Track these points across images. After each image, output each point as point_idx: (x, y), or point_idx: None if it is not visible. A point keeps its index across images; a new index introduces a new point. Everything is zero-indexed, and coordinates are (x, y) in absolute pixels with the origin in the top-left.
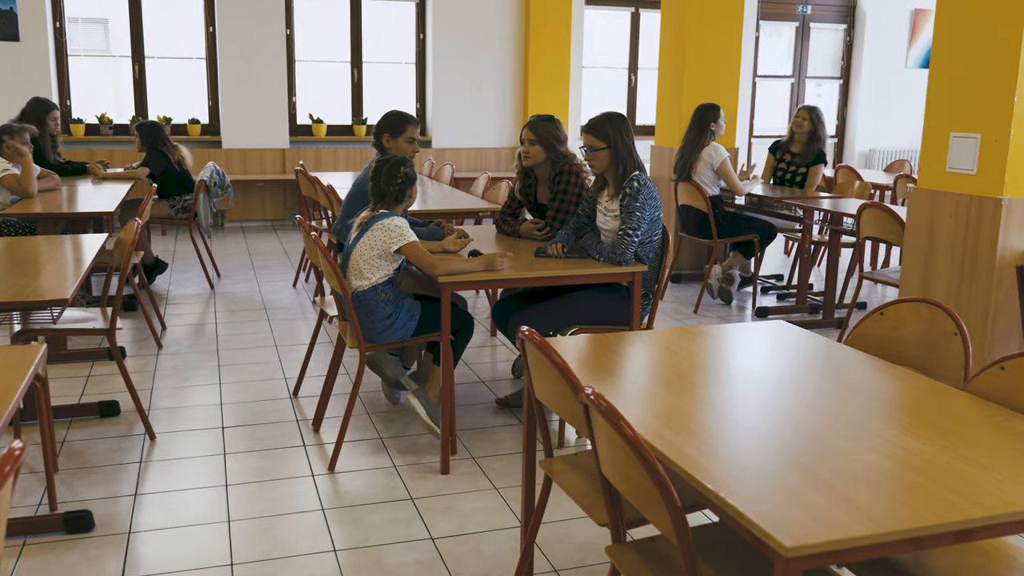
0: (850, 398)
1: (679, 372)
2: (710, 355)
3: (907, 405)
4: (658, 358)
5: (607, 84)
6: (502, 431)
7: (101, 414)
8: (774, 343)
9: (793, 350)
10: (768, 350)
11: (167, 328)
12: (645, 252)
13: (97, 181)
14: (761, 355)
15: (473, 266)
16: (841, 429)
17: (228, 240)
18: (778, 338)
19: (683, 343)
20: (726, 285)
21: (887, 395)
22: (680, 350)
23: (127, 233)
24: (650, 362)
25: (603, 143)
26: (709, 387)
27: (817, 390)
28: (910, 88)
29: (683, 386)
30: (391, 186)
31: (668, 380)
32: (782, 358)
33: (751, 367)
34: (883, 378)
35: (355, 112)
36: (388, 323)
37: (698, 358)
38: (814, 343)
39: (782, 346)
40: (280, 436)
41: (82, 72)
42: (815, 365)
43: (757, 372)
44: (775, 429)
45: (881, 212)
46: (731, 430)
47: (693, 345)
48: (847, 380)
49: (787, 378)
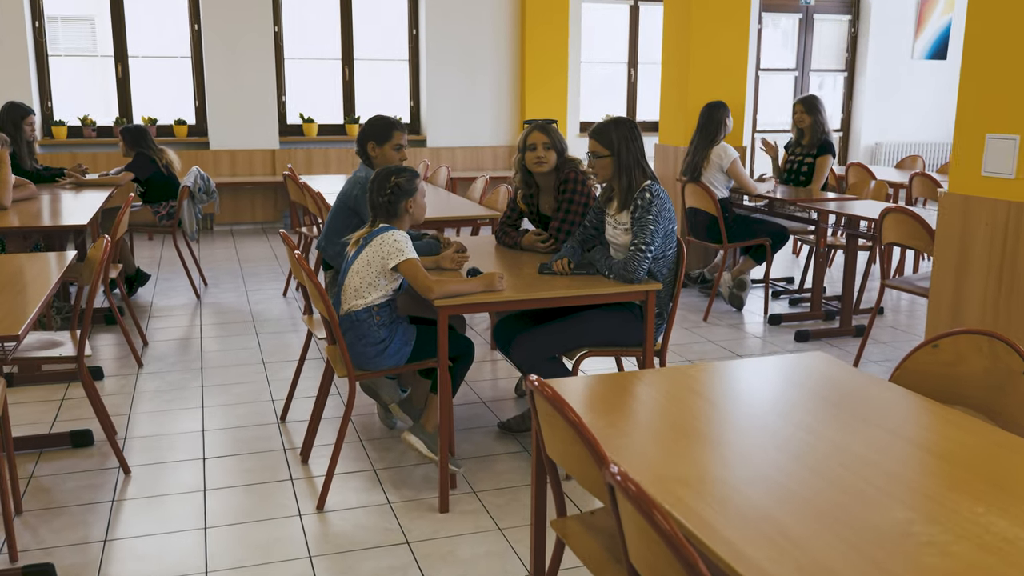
0: (906, 453)
1: (702, 418)
2: (737, 396)
3: (979, 465)
4: (678, 400)
5: (606, 79)
6: (505, 460)
7: (73, 444)
8: (811, 382)
9: (834, 390)
10: (805, 392)
11: (149, 344)
12: (659, 268)
13: (73, 187)
14: (797, 398)
15: (471, 287)
16: (899, 495)
17: (217, 244)
18: (816, 375)
19: (706, 381)
20: (737, 291)
21: (952, 451)
22: (703, 390)
23: (96, 250)
24: (669, 406)
25: (606, 150)
26: (736, 438)
27: (867, 443)
28: (917, 80)
29: (707, 435)
30: (380, 197)
31: (690, 428)
32: (822, 402)
33: (785, 412)
34: (944, 428)
35: (347, 111)
36: (380, 348)
37: (724, 400)
38: (857, 380)
39: (821, 385)
40: (266, 468)
41: (64, 73)
42: (863, 411)
43: (792, 419)
44: (819, 496)
45: (906, 217)
46: (765, 497)
47: (718, 384)
48: (900, 429)
49: (831, 428)
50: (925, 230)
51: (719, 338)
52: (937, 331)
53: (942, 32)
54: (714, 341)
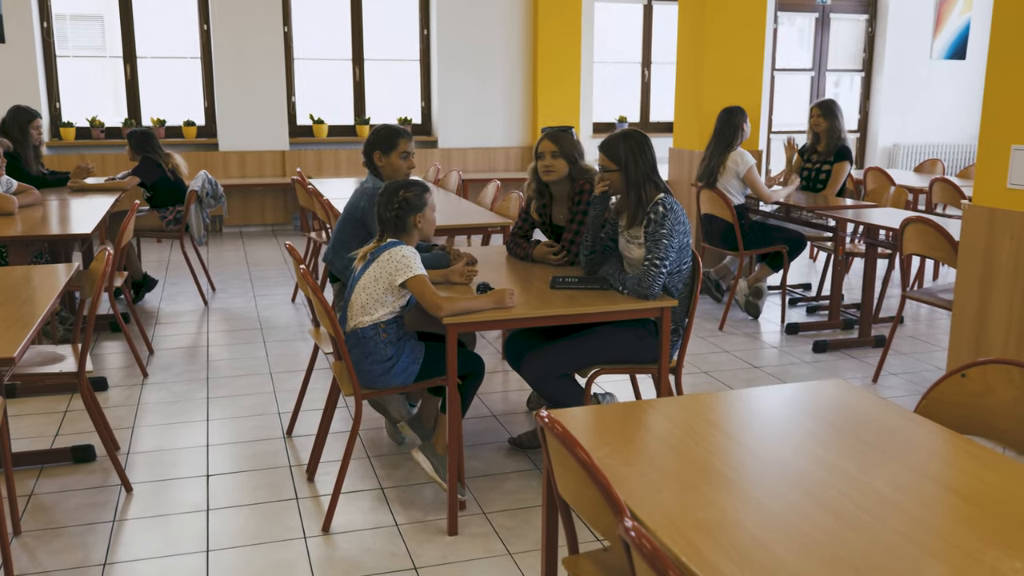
0: (933, 495)
1: (719, 454)
2: (755, 429)
3: (1012, 510)
4: (694, 433)
5: (619, 79)
6: (516, 479)
7: (75, 460)
8: (832, 414)
9: (856, 422)
10: (826, 425)
11: (155, 353)
12: (674, 283)
13: (77, 189)
14: (818, 431)
15: (481, 304)
16: (929, 545)
17: (226, 247)
18: (837, 405)
19: (723, 412)
20: (754, 299)
21: (983, 493)
22: (720, 421)
23: (98, 263)
24: (685, 439)
25: (614, 164)
26: (755, 477)
27: (893, 484)
28: (935, 80)
29: (725, 474)
30: (388, 211)
31: (707, 466)
32: (844, 436)
33: (805, 448)
34: (973, 467)
35: (357, 112)
36: (387, 366)
37: (741, 433)
38: (881, 411)
39: (843, 418)
40: (270, 486)
41: (72, 73)
42: (887, 446)
43: (813, 456)
44: (844, 547)
45: (928, 228)
46: (786, 547)
47: (736, 415)
48: (927, 467)
49: (853, 464)
50: (948, 242)
51: (735, 348)
52: (960, 347)
53: (961, 32)
54: (730, 351)
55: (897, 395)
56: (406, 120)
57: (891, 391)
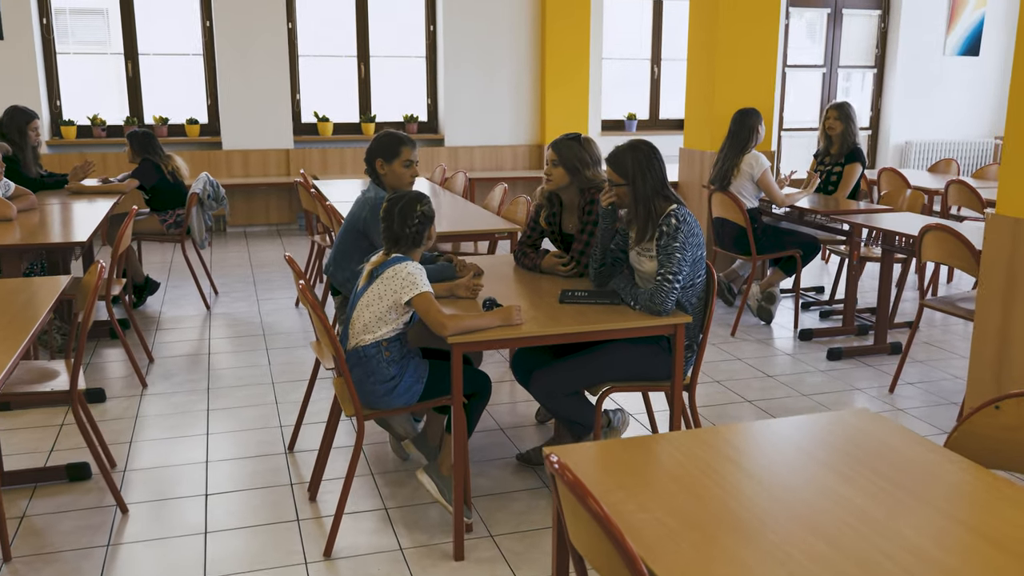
0: (965, 543)
1: (740, 497)
2: (776, 466)
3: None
4: (712, 472)
5: (628, 76)
6: (524, 498)
7: (70, 478)
8: (857, 449)
9: (883, 458)
10: (851, 460)
11: (155, 361)
12: (687, 297)
13: (76, 191)
14: (842, 468)
15: (488, 322)
16: None
17: (230, 247)
18: (861, 439)
19: (742, 447)
20: (766, 304)
21: (1019, 540)
22: (740, 458)
23: (91, 275)
24: (704, 480)
25: (621, 179)
26: (778, 525)
27: (923, 530)
28: (949, 77)
29: (747, 522)
30: (407, 228)
31: (728, 512)
32: (870, 474)
33: (829, 488)
34: (1008, 510)
35: (363, 109)
36: (390, 386)
37: (762, 472)
38: (908, 446)
39: (868, 452)
40: (271, 507)
41: (73, 71)
42: (915, 486)
43: (838, 497)
44: None
45: (948, 237)
46: None
47: (755, 450)
48: (958, 511)
49: (880, 508)
50: (969, 251)
51: (748, 355)
52: (982, 362)
53: (975, 27)
54: (742, 359)
55: (915, 406)
56: (412, 118)
57: (909, 401)
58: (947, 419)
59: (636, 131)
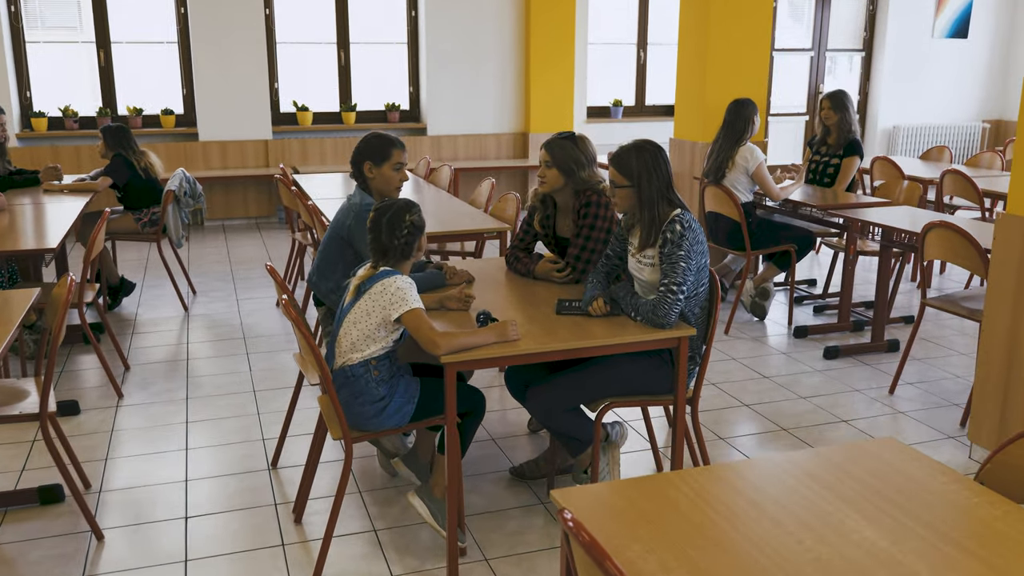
0: None
1: (763, 546)
2: (799, 507)
3: None
4: (732, 516)
5: (614, 62)
6: (519, 517)
7: (42, 501)
8: (885, 486)
9: (913, 498)
10: (880, 499)
11: (130, 369)
12: (690, 307)
13: (51, 193)
14: (869, 509)
15: (482, 339)
16: None
17: (208, 242)
18: (890, 475)
19: (760, 484)
20: (760, 300)
21: None
22: (758, 497)
23: (60, 288)
24: (723, 524)
25: (626, 180)
26: (797, 572)
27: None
28: (937, 60)
29: (766, 568)
30: (395, 239)
31: (753, 566)
32: (902, 514)
33: (856, 532)
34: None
35: (343, 98)
36: (380, 407)
37: (784, 515)
38: (939, 483)
39: (897, 490)
40: (254, 530)
41: (43, 60)
42: (947, 527)
43: (869, 545)
44: None
45: (954, 235)
46: None
47: (776, 490)
48: (997, 561)
49: (911, 554)
50: (975, 250)
51: (742, 355)
52: (991, 365)
53: (963, 10)
54: (737, 359)
55: (916, 408)
56: (394, 106)
57: (909, 403)
58: (950, 422)
59: (622, 118)
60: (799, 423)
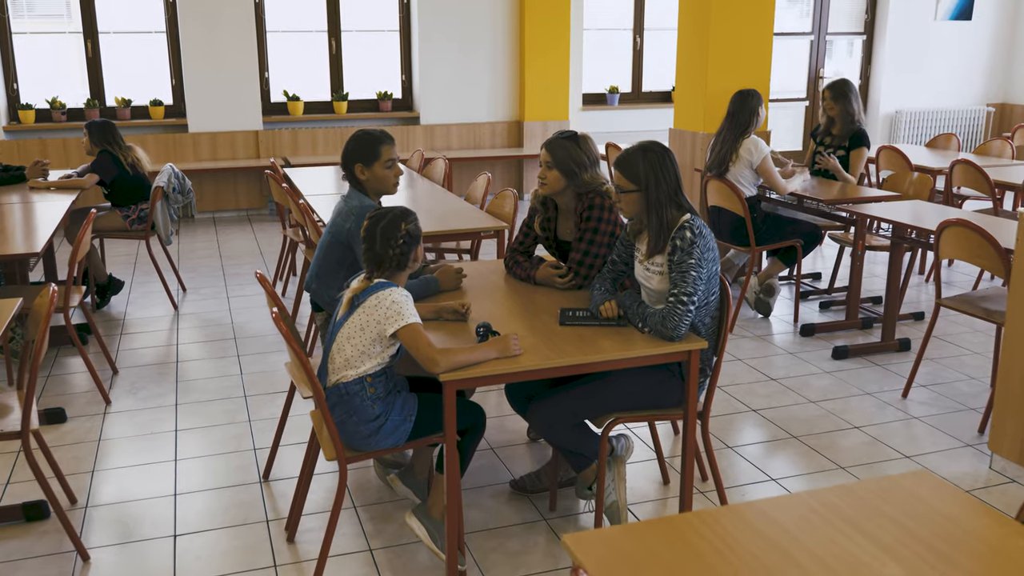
0: None
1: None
2: (836, 562)
3: None
4: (754, 562)
5: (609, 48)
6: (520, 535)
7: (27, 518)
8: (922, 528)
9: (952, 541)
10: (911, 537)
11: (119, 372)
12: (701, 317)
13: (37, 190)
14: (901, 548)
15: (483, 355)
16: None
17: (198, 235)
18: (925, 516)
19: (787, 525)
20: (764, 297)
21: None
22: (790, 547)
23: (43, 299)
24: (742, 572)
25: (633, 184)
26: None
27: None
28: (940, 43)
29: None
30: (390, 250)
31: None
32: (934, 557)
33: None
34: None
35: (334, 87)
36: (375, 426)
37: (808, 558)
38: (979, 524)
39: (935, 533)
40: (245, 550)
41: (30, 51)
42: (985, 572)
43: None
44: None
45: (972, 234)
46: None
47: (806, 537)
48: None
49: None
50: (995, 250)
51: (747, 354)
52: (1013, 372)
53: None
54: (742, 359)
55: (930, 414)
56: (386, 95)
57: (923, 408)
58: (967, 428)
59: (619, 105)
60: (810, 430)
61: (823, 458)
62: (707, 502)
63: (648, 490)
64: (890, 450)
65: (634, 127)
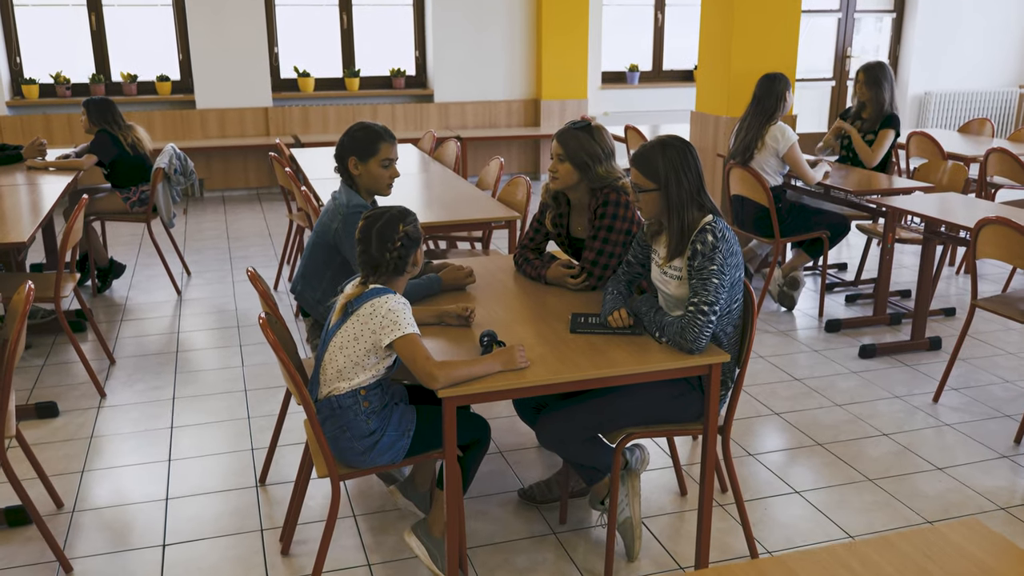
0: None
1: None
2: None
3: None
4: None
5: (629, 23)
6: (528, 549)
7: (9, 523)
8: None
9: None
10: None
11: (116, 363)
12: (723, 327)
13: (35, 171)
14: None
15: (486, 368)
16: None
17: (207, 213)
18: (977, 567)
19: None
20: (788, 290)
21: None
22: None
23: (19, 296)
24: None
25: (652, 183)
26: None
27: None
28: (972, 22)
29: None
30: (387, 253)
31: None
32: None
33: None
34: None
35: (346, 63)
36: (370, 442)
37: None
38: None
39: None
40: (237, 563)
41: (33, 25)
42: None
43: None
44: None
45: (1013, 233)
46: None
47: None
48: None
49: None
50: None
51: (770, 352)
52: None
53: None
54: (765, 356)
55: (963, 420)
56: (399, 72)
57: (956, 415)
58: (1003, 438)
59: (639, 83)
60: (835, 436)
61: (850, 468)
62: (727, 516)
63: (664, 502)
64: (921, 460)
65: (654, 107)
